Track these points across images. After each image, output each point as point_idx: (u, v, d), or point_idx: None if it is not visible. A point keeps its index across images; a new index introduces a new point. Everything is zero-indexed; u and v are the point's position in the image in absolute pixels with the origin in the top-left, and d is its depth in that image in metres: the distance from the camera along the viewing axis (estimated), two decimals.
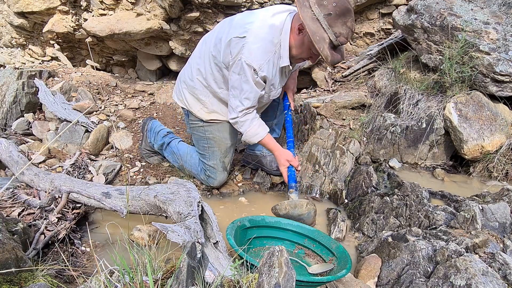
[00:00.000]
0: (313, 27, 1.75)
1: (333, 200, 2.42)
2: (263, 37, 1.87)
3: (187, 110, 2.26)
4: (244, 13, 2.05)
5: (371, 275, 1.60)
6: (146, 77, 4.44)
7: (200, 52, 2.15)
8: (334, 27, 1.76)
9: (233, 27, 1.95)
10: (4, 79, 2.89)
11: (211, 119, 2.21)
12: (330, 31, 1.76)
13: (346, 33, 1.79)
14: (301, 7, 1.77)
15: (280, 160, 2.14)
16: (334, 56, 1.82)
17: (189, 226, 1.44)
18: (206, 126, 2.24)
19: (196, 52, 2.20)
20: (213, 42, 2.04)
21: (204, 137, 2.27)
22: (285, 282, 0.95)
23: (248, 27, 1.88)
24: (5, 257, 1.21)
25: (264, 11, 1.98)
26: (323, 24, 1.76)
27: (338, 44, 1.81)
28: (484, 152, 2.38)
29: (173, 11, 3.47)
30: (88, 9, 3.87)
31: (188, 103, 2.22)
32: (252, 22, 1.90)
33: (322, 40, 1.77)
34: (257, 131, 2.08)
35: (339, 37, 1.78)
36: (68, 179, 1.99)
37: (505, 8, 2.74)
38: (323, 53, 1.77)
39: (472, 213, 1.71)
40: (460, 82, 2.55)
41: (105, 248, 1.75)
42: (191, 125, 2.31)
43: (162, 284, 1.07)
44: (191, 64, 2.21)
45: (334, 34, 1.77)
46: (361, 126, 2.90)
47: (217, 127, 2.23)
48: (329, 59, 1.79)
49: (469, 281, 1.28)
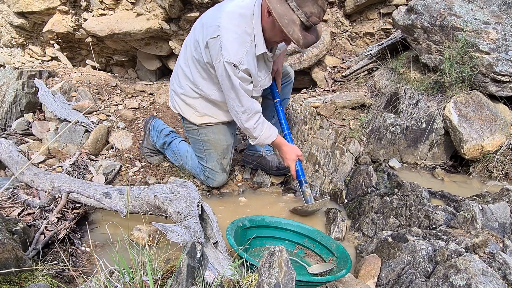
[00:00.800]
0: (281, 10, 1.67)
1: (333, 200, 2.42)
2: (235, 30, 1.82)
3: (181, 115, 2.28)
4: (214, 8, 1.99)
5: (371, 275, 1.61)
6: (146, 77, 4.44)
7: (184, 58, 2.13)
8: (304, 7, 1.67)
9: (205, 27, 1.91)
10: (4, 79, 2.89)
11: (204, 123, 2.21)
12: (300, 12, 1.68)
13: (318, 12, 1.69)
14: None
15: (291, 155, 2.14)
16: (308, 37, 1.75)
17: (189, 226, 1.44)
18: (200, 129, 2.24)
19: (180, 59, 2.19)
20: (193, 45, 2.02)
21: (199, 140, 2.27)
22: (285, 282, 0.95)
23: (218, 24, 1.83)
24: (5, 257, 1.21)
25: (231, 1, 1.91)
26: (292, 5, 1.67)
27: (310, 25, 1.72)
28: (484, 152, 2.38)
29: (173, 11, 3.47)
30: (88, 9, 3.87)
31: (180, 109, 2.24)
32: (221, 17, 1.84)
33: (291, 22, 1.68)
34: (269, 133, 2.09)
35: (310, 17, 1.69)
36: (68, 179, 1.99)
37: (505, 8, 2.74)
38: (294, 37, 1.70)
39: (472, 213, 1.71)
40: (460, 82, 2.55)
41: (105, 248, 1.75)
42: (186, 128, 2.33)
43: (162, 284, 1.07)
44: (177, 71, 2.21)
45: (305, 15, 1.68)
46: (361, 126, 2.90)
47: (211, 129, 2.23)
48: (301, 41, 1.72)
49: (469, 281, 1.28)
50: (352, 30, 4.01)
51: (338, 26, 4.04)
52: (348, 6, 3.84)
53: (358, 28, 3.95)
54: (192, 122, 2.23)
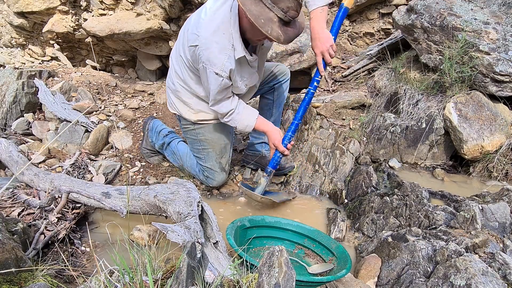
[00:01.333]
0: (256, 10, 1.62)
1: (333, 200, 2.42)
2: (213, 38, 1.81)
3: (178, 114, 2.28)
4: (196, 13, 1.99)
5: (371, 275, 1.61)
6: (146, 77, 4.44)
7: (175, 57, 2.15)
8: (279, 3, 1.63)
9: (188, 33, 1.93)
10: (4, 79, 2.89)
11: (199, 120, 2.21)
12: (276, 8, 1.64)
13: (294, 5, 1.65)
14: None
15: (269, 141, 2.16)
16: (289, 32, 1.71)
17: (189, 226, 1.44)
18: (197, 129, 2.24)
19: (172, 58, 2.21)
20: (181, 47, 2.04)
21: (197, 140, 2.27)
22: (285, 282, 0.95)
23: (197, 33, 1.83)
24: (5, 257, 1.21)
25: (209, 6, 1.89)
26: (266, 4, 1.63)
27: (289, 19, 1.68)
28: (484, 152, 2.38)
29: (173, 11, 3.47)
30: (88, 9, 3.87)
31: (176, 107, 2.24)
32: (199, 25, 1.84)
33: (268, 21, 1.64)
34: (247, 121, 2.08)
35: (287, 12, 1.65)
36: (68, 179, 1.99)
37: (505, 8, 2.74)
38: (273, 35, 1.66)
39: (472, 213, 1.71)
40: (460, 82, 2.55)
41: (105, 248, 1.75)
42: (183, 129, 2.33)
43: (162, 284, 1.07)
44: (170, 69, 2.24)
45: (281, 11, 1.64)
46: (361, 126, 2.90)
47: (207, 128, 2.23)
48: (281, 38, 1.68)
49: (469, 281, 1.28)
50: (352, 30, 4.01)
51: None
52: None
53: (358, 28, 3.95)
54: (188, 120, 2.23)
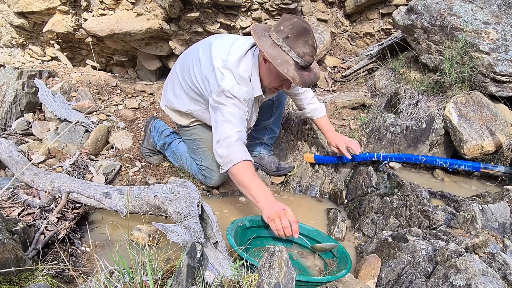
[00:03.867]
0: (273, 52, 1.74)
1: (333, 200, 2.42)
2: (239, 94, 1.87)
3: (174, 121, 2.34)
4: (211, 48, 2.00)
5: (371, 275, 1.61)
6: (146, 77, 4.44)
7: (181, 77, 2.16)
8: (295, 48, 1.74)
9: (205, 74, 1.95)
10: (4, 79, 2.89)
11: (192, 122, 2.25)
12: (292, 53, 1.75)
13: (309, 51, 1.76)
14: (259, 37, 1.77)
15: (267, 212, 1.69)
16: (304, 76, 1.79)
17: (189, 226, 1.44)
18: (191, 130, 2.28)
19: (174, 75, 2.21)
20: (187, 73, 2.07)
21: (192, 140, 2.30)
22: (285, 282, 0.95)
23: (221, 78, 1.88)
24: (5, 257, 1.21)
25: (229, 44, 1.95)
26: (283, 48, 1.75)
27: (305, 64, 1.78)
28: (484, 152, 2.38)
29: (173, 11, 3.47)
30: (88, 9, 3.87)
31: (169, 113, 2.31)
32: (223, 78, 1.88)
33: (284, 62, 1.74)
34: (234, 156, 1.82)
35: (303, 57, 1.76)
36: (68, 179, 1.99)
37: (505, 8, 2.74)
38: (289, 75, 1.74)
39: (472, 213, 1.71)
40: (460, 82, 2.55)
41: (105, 248, 1.75)
42: (180, 130, 2.38)
43: (162, 284, 1.07)
44: (172, 81, 2.25)
45: (297, 55, 1.75)
46: (361, 126, 2.90)
47: (201, 128, 2.26)
48: (297, 79, 1.76)
49: (469, 281, 1.28)
50: (352, 30, 4.01)
51: (338, 26, 4.04)
52: (348, 6, 3.84)
53: (358, 28, 3.95)
54: (180, 124, 2.29)
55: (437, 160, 2.38)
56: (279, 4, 3.64)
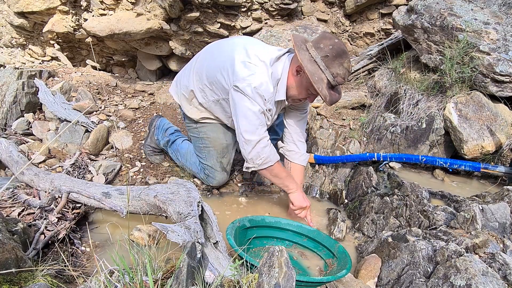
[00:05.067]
0: (312, 68, 1.79)
1: (333, 200, 2.42)
2: (265, 92, 1.88)
3: (182, 112, 2.29)
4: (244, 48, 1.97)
5: (371, 275, 1.61)
6: (146, 77, 4.44)
7: (199, 73, 2.12)
8: (331, 68, 1.80)
9: (236, 70, 1.91)
10: (4, 79, 2.89)
11: (202, 117, 2.22)
12: (327, 72, 1.80)
13: (343, 73, 1.83)
14: (299, 50, 1.82)
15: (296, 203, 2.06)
16: (333, 95, 1.86)
17: (189, 226, 1.44)
18: (199, 127, 2.26)
19: (196, 68, 2.16)
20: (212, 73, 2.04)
21: (198, 138, 2.29)
22: (285, 282, 0.95)
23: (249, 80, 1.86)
24: (5, 257, 1.21)
25: (263, 64, 1.92)
26: (320, 66, 1.80)
27: (336, 84, 1.85)
28: (484, 152, 2.38)
29: (173, 11, 3.47)
30: (88, 9, 3.87)
31: (181, 101, 2.26)
32: (254, 73, 1.87)
33: (320, 80, 1.80)
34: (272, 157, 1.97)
35: (336, 77, 1.82)
36: (68, 179, 1.99)
37: (505, 8, 2.74)
38: (322, 93, 1.80)
39: (472, 213, 1.71)
40: (460, 82, 2.55)
41: (105, 248, 1.75)
42: (187, 127, 2.35)
43: (162, 284, 1.07)
44: (190, 72, 2.20)
45: (331, 75, 1.81)
46: (361, 126, 2.90)
47: (210, 127, 2.24)
48: (327, 98, 1.82)
49: (469, 281, 1.28)
50: (352, 30, 4.01)
51: (338, 26, 4.04)
52: (348, 6, 3.84)
53: (358, 28, 3.95)
54: (191, 118, 2.24)
55: (437, 160, 2.38)
56: (279, 4, 3.64)
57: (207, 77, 2.06)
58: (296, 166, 2.26)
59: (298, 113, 2.21)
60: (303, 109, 2.22)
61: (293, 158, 2.25)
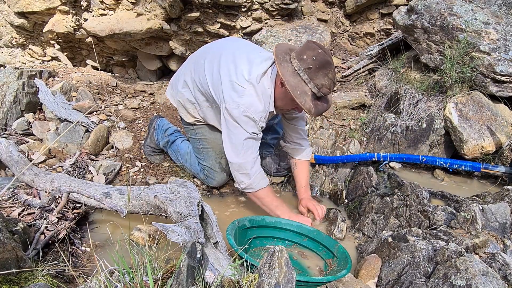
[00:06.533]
0: (294, 82, 1.76)
1: (333, 200, 2.42)
2: (255, 113, 1.87)
3: (179, 114, 2.31)
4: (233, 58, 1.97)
5: (371, 275, 1.60)
6: (146, 77, 4.44)
7: (192, 78, 2.13)
8: (315, 79, 1.76)
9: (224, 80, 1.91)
10: (5, 79, 2.89)
11: (197, 120, 2.24)
12: (311, 84, 1.77)
13: (328, 84, 1.79)
14: (280, 63, 1.78)
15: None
16: (318, 107, 1.82)
17: (189, 226, 1.44)
18: (197, 129, 2.27)
19: (187, 73, 2.17)
20: (204, 83, 2.03)
21: (196, 139, 2.30)
22: (285, 282, 0.95)
23: (238, 102, 1.86)
24: (5, 257, 1.22)
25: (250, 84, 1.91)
26: (303, 78, 1.76)
27: (321, 95, 1.81)
28: (484, 152, 2.38)
29: (173, 11, 3.47)
30: (88, 9, 3.87)
31: (177, 105, 2.28)
32: (243, 94, 1.87)
33: (303, 94, 1.77)
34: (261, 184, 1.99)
35: (321, 89, 1.78)
36: (68, 179, 1.99)
37: (505, 8, 2.74)
38: (305, 107, 1.77)
39: (472, 213, 1.71)
40: (460, 82, 2.55)
41: (105, 248, 1.75)
42: (185, 128, 2.37)
43: (162, 284, 1.07)
44: (182, 79, 2.21)
45: (316, 86, 1.77)
46: (361, 126, 2.90)
47: (207, 128, 2.25)
48: (312, 111, 1.79)
49: (469, 281, 1.28)
50: (353, 30, 4.01)
51: (338, 26, 4.04)
52: (349, 6, 3.84)
53: (359, 28, 3.95)
54: (186, 121, 2.27)
55: (438, 160, 2.38)
56: (279, 4, 3.64)
57: (198, 86, 2.08)
58: (301, 162, 2.26)
59: (295, 113, 2.21)
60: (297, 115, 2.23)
61: (296, 155, 2.26)
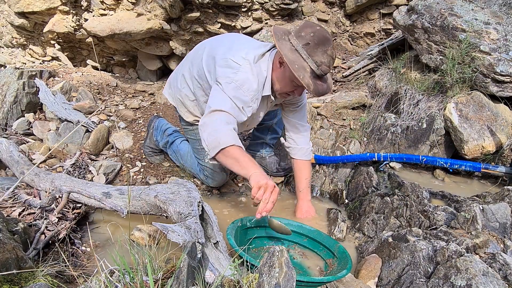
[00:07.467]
0: (292, 57, 1.72)
1: (333, 200, 2.42)
2: (249, 88, 1.83)
3: (178, 114, 2.30)
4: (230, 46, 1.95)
5: (372, 275, 1.60)
6: (146, 77, 4.45)
7: (189, 72, 2.13)
8: (314, 56, 1.72)
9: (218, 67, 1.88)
10: (5, 79, 2.89)
11: (196, 120, 2.23)
12: (310, 60, 1.72)
13: (327, 61, 1.74)
14: (279, 39, 1.74)
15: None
16: (318, 85, 1.76)
17: (190, 226, 1.44)
18: (195, 129, 2.25)
19: (185, 70, 2.17)
20: (198, 69, 2.02)
21: (196, 139, 2.28)
22: (285, 282, 0.95)
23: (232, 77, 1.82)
24: (5, 257, 1.22)
25: (247, 44, 1.90)
26: (302, 54, 1.72)
27: (321, 73, 1.75)
28: (484, 152, 2.38)
29: (174, 11, 3.47)
30: (88, 9, 3.88)
31: (176, 104, 2.27)
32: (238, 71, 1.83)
33: (301, 68, 1.72)
34: (220, 138, 1.68)
35: (320, 66, 1.73)
36: (69, 179, 2.00)
37: (506, 8, 2.74)
38: (304, 81, 1.71)
39: (473, 214, 1.71)
40: (460, 83, 2.55)
41: (105, 248, 1.75)
42: (184, 129, 2.36)
43: (162, 284, 1.07)
44: (179, 78, 2.22)
45: (315, 63, 1.73)
46: (361, 126, 2.90)
47: None
48: (311, 87, 1.73)
49: (470, 281, 1.28)
50: (353, 30, 4.01)
51: (338, 26, 4.04)
52: (349, 6, 3.84)
53: (359, 28, 3.95)
54: (186, 121, 2.26)
55: (438, 160, 2.38)
56: (280, 4, 3.64)
57: (197, 80, 2.06)
58: (299, 161, 2.20)
59: (292, 107, 2.18)
60: (297, 102, 2.18)
61: (294, 154, 2.21)
